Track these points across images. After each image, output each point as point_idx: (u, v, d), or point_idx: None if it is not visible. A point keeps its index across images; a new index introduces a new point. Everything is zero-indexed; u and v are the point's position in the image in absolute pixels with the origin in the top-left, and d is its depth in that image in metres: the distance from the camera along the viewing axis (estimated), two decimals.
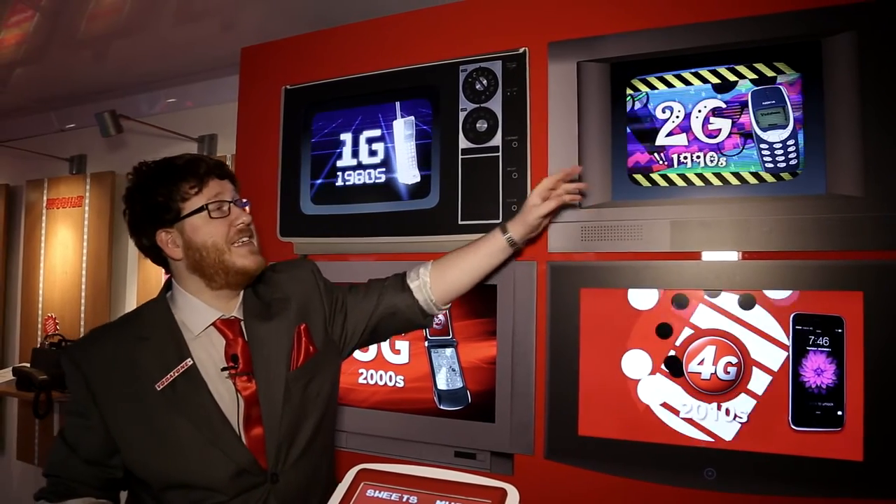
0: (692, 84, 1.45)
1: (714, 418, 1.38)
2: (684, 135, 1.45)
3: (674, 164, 1.45)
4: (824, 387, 1.30)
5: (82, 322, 3.11)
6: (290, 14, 2.13)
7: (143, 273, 2.95)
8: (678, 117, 1.45)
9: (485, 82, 1.65)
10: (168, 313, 1.18)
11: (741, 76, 1.40)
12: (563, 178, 1.37)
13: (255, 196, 1.97)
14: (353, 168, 1.82)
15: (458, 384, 1.65)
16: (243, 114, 2.07)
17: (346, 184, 1.83)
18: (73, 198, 3.23)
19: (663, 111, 1.47)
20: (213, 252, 1.14)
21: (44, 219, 3.34)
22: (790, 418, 1.32)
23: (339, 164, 1.84)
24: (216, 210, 1.13)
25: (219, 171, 1.18)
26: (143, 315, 1.20)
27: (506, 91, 1.62)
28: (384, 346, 1.75)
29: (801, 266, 1.34)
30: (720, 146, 1.42)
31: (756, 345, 1.36)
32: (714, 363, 1.39)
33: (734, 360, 1.37)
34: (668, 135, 1.46)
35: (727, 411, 1.37)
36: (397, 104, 1.77)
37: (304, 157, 1.89)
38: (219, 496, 1.08)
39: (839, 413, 1.29)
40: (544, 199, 1.35)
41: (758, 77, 1.39)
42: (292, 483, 1.15)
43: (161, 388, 1.09)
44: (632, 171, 1.49)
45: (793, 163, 1.36)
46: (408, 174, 1.74)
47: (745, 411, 1.36)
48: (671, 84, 1.47)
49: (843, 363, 1.29)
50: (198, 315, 1.17)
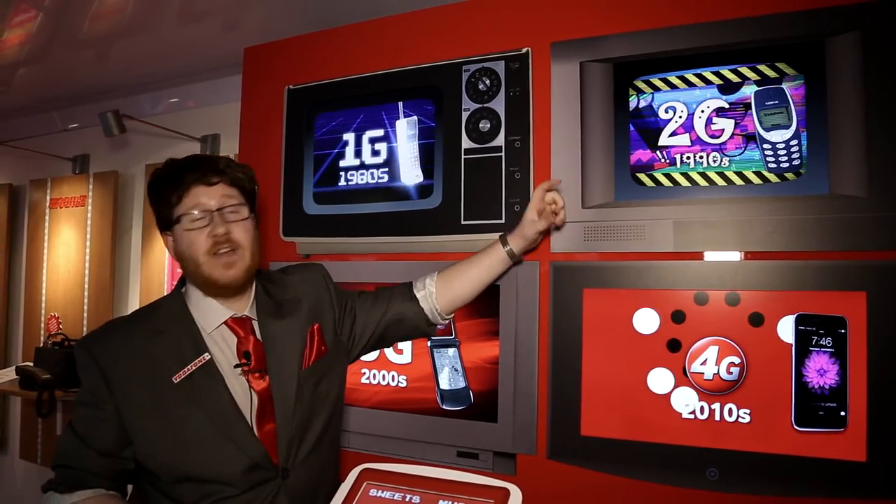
0: (695, 84, 1.44)
1: (717, 418, 1.38)
2: (687, 135, 1.45)
3: (676, 164, 1.45)
4: (827, 387, 1.30)
5: (85, 321, 3.12)
6: (293, 14, 2.13)
7: (146, 272, 2.95)
8: (681, 117, 1.45)
9: (488, 82, 1.65)
10: (184, 308, 1.19)
11: (744, 77, 1.40)
12: (548, 189, 1.41)
13: (257, 196, 1.97)
14: (355, 168, 1.82)
15: (461, 384, 1.65)
16: (246, 114, 2.07)
17: (349, 184, 1.83)
18: (77, 197, 3.24)
19: (666, 111, 1.47)
20: (190, 263, 1.15)
21: (47, 218, 3.34)
22: (793, 419, 1.32)
23: (341, 164, 1.84)
24: (190, 221, 1.13)
25: (209, 178, 1.15)
26: (159, 309, 1.21)
27: (509, 91, 1.62)
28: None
29: (804, 266, 1.34)
30: (723, 146, 1.42)
31: (759, 345, 1.36)
32: (717, 363, 1.39)
33: (737, 360, 1.37)
34: (671, 135, 1.46)
35: (730, 411, 1.37)
36: (400, 104, 1.77)
37: (307, 157, 1.89)
38: (230, 490, 1.10)
39: (842, 413, 1.29)
40: (539, 212, 1.39)
41: (761, 77, 1.39)
42: (302, 479, 1.17)
43: (178, 381, 1.10)
44: (634, 169, 1.49)
45: (796, 163, 1.36)
46: (410, 174, 1.74)
47: (747, 412, 1.36)
48: (674, 84, 1.46)
49: (847, 363, 1.29)
50: (210, 313, 1.18)
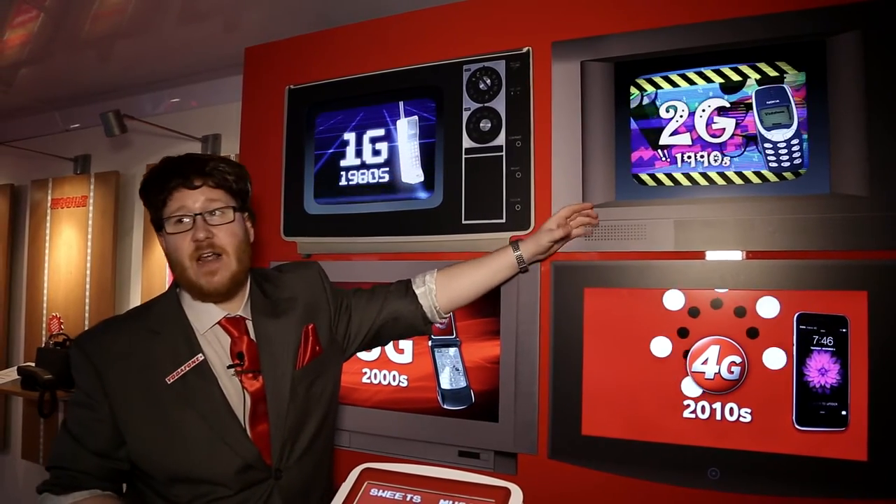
0: (696, 84, 1.44)
1: (718, 418, 1.38)
2: (688, 134, 1.45)
3: (677, 164, 1.45)
4: (828, 386, 1.30)
5: (86, 321, 3.12)
6: (294, 14, 2.13)
7: (147, 272, 2.96)
8: (682, 116, 1.45)
9: (488, 82, 1.65)
10: (179, 308, 1.19)
11: (745, 76, 1.40)
12: (578, 210, 1.47)
13: (258, 196, 1.97)
14: (356, 167, 1.82)
15: (462, 384, 1.65)
16: (247, 113, 2.07)
17: (350, 183, 1.83)
18: (78, 197, 3.24)
19: (667, 110, 1.47)
20: (176, 266, 1.15)
21: (48, 218, 3.35)
22: (794, 418, 1.32)
23: (342, 163, 1.84)
24: (173, 225, 1.13)
25: (191, 181, 1.12)
26: (154, 309, 1.20)
27: (509, 90, 1.62)
28: (388, 345, 1.75)
29: (805, 266, 1.34)
30: (723, 146, 1.42)
31: (760, 344, 1.36)
32: (718, 363, 1.39)
33: (738, 359, 1.37)
34: (672, 134, 1.46)
35: (731, 411, 1.37)
36: (401, 104, 1.77)
37: (308, 157, 1.89)
38: (224, 490, 1.10)
39: (843, 413, 1.29)
40: (559, 226, 1.43)
41: (762, 77, 1.39)
42: (295, 480, 1.17)
43: (171, 381, 1.10)
44: (635, 168, 1.49)
45: (797, 162, 1.36)
46: (411, 174, 1.74)
47: (748, 411, 1.36)
48: (675, 83, 1.46)
49: (848, 363, 1.29)
50: (203, 314, 1.18)
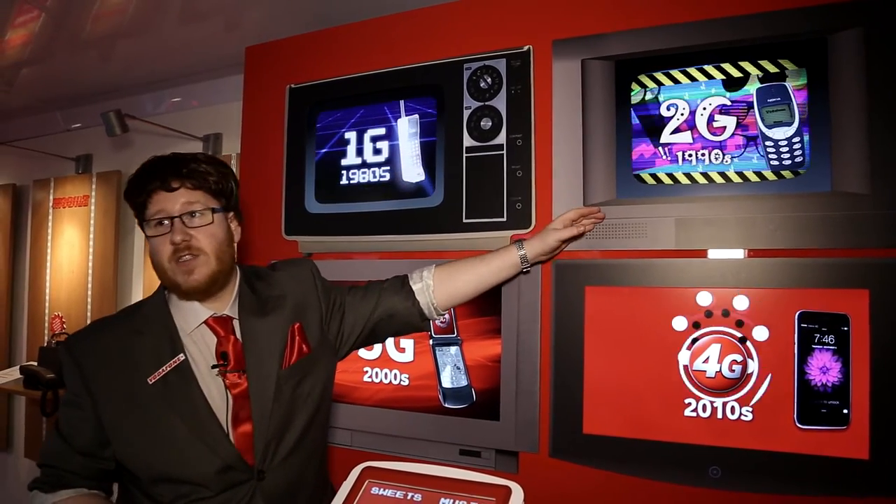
0: (698, 79, 1.44)
1: (719, 416, 1.38)
2: (689, 132, 1.44)
3: (678, 162, 1.45)
4: (830, 385, 1.30)
5: (88, 321, 3.12)
6: (295, 13, 2.13)
7: (149, 271, 2.96)
8: (683, 114, 1.45)
9: (489, 80, 1.64)
10: (165, 308, 1.19)
11: (746, 74, 1.40)
12: (586, 214, 1.46)
13: (259, 195, 1.98)
14: (357, 166, 1.82)
15: (463, 382, 1.65)
16: (248, 113, 2.07)
17: (351, 182, 1.83)
18: (79, 197, 3.25)
19: (668, 108, 1.46)
20: (158, 268, 1.15)
21: (50, 218, 3.35)
22: (796, 416, 1.32)
23: (343, 162, 1.84)
24: (152, 228, 1.13)
25: (169, 184, 1.12)
26: (142, 309, 1.21)
27: (510, 89, 1.62)
28: (389, 343, 1.76)
29: (806, 264, 1.34)
30: (724, 144, 1.41)
31: (761, 342, 1.36)
32: (719, 361, 1.39)
33: (739, 357, 1.37)
34: (673, 132, 1.46)
35: (732, 409, 1.37)
36: (401, 102, 1.77)
37: (309, 156, 1.89)
38: (204, 491, 1.09)
39: (845, 411, 1.28)
40: (566, 227, 1.42)
41: (763, 74, 1.39)
42: (279, 481, 1.16)
43: (153, 381, 1.11)
44: (636, 167, 1.48)
45: (798, 160, 1.35)
46: (412, 172, 1.74)
47: (749, 409, 1.36)
48: (676, 79, 1.46)
49: (849, 361, 1.29)
50: (189, 313, 1.18)
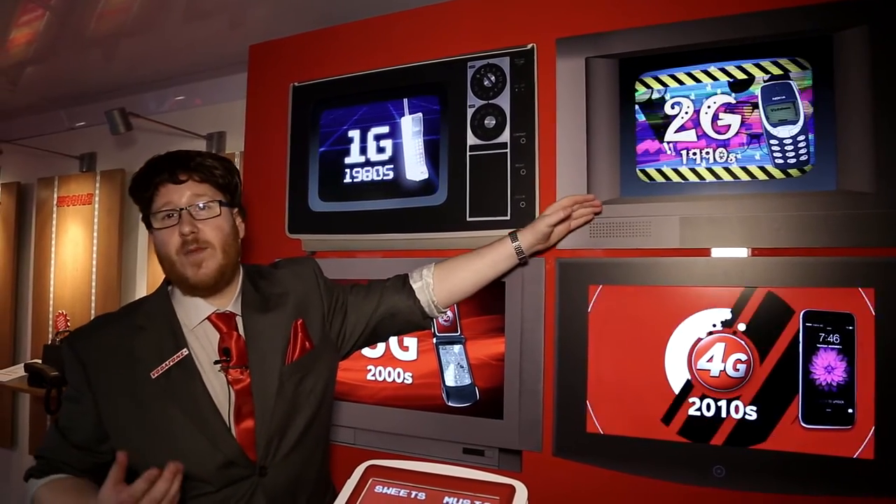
0: (701, 80, 1.44)
1: (723, 415, 1.38)
2: (693, 130, 1.44)
3: (682, 160, 1.45)
4: (835, 384, 1.30)
5: (92, 318, 3.14)
6: (298, 11, 2.13)
7: (153, 269, 2.97)
8: (687, 113, 1.45)
9: (493, 79, 1.64)
10: (168, 304, 1.19)
11: (751, 73, 1.39)
12: (580, 201, 1.44)
13: (263, 193, 1.98)
14: (360, 165, 1.82)
15: (467, 381, 1.65)
16: (251, 111, 2.07)
17: (354, 180, 1.83)
18: (84, 195, 3.26)
19: (672, 106, 1.46)
20: (165, 262, 1.16)
21: (54, 216, 3.37)
22: (800, 416, 1.31)
23: (346, 160, 1.84)
24: (160, 220, 1.13)
25: (177, 176, 1.13)
26: (144, 305, 1.22)
27: (514, 87, 1.62)
28: (392, 342, 1.76)
29: (811, 263, 1.33)
30: (728, 142, 1.41)
31: (766, 342, 1.36)
32: (723, 360, 1.38)
33: (743, 356, 1.37)
34: (678, 130, 1.45)
35: (736, 408, 1.37)
36: (405, 101, 1.76)
37: (312, 154, 1.89)
38: (206, 486, 1.10)
39: (850, 411, 1.28)
40: (555, 212, 1.40)
41: (768, 73, 1.38)
42: (281, 477, 1.16)
43: (156, 376, 1.11)
44: (640, 165, 1.48)
45: (803, 159, 1.35)
46: (416, 171, 1.74)
47: (754, 409, 1.35)
48: (680, 80, 1.46)
49: (854, 360, 1.28)
50: (192, 309, 1.18)
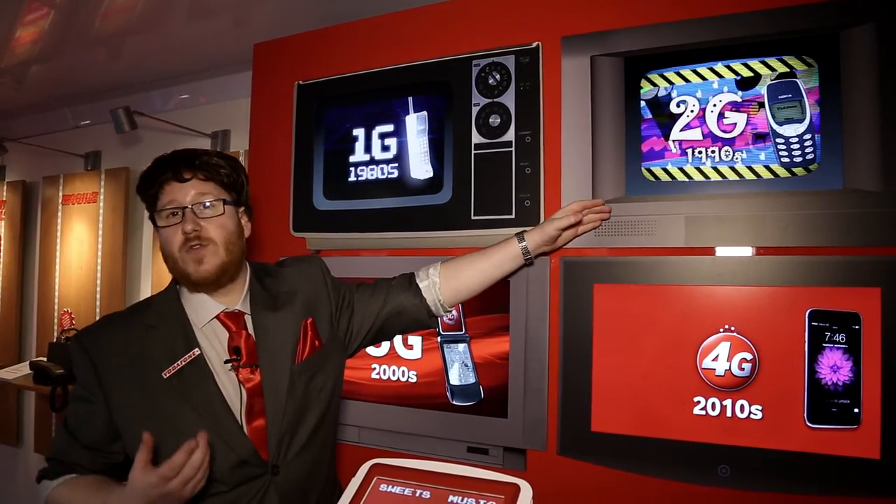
0: (707, 79, 1.43)
1: (728, 415, 1.37)
2: (699, 129, 1.44)
3: (688, 159, 1.44)
4: (841, 384, 1.29)
5: (97, 317, 3.14)
6: (303, 10, 2.13)
7: (157, 267, 2.97)
8: (693, 111, 1.44)
9: (498, 77, 1.64)
10: (177, 303, 1.20)
11: (757, 71, 1.39)
12: (589, 206, 1.44)
13: (268, 191, 1.98)
14: (365, 163, 1.82)
15: (471, 379, 1.65)
16: (256, 109, 2.08)
17: (359, 179, 1.83)
18: (89, 193, 3.26)
19: (678, 105, 1.46)
20: (169, 259, 1.16)
21: (59, 214, 3.37)
22: (806, 415, 1.31)
23: (351, 159, 1.84)
24: (164, 218, 1.14)
25: (181, 175, 1.14)
26: (153, 304, 1.22)
27: (519, 86, 1.62)
28: (397, 340, 1.76)
29: (817, 262, 1.33)
30: (734, 141, 1.40)
31: (771, 341, 1.35)
32: (729, 359, 1.38)
33: (749, 356, 1.36)
34: (683, 129, 1.45)
35: (742, 408, 1.36)
36: (410, 99, 1.76)
37: (317, 153, 1.89)
38: (219, 486, 1.10)
39: (856, 410, 1.28)
40: (566, 216, 1.40)
41: (774, 71, 1.37)
42: (292, 475, 1.16)
43: (167, 376, 1.11)
44: (645, 164, 1.48)
45: (809, 157, 1.34)
46: (420, 169, 1.74)
47: (759, 408, 1.35)
48: (686, 78, 1.45)
49: (860, 360, 1.28)
50: (201, 308, 1.19)
